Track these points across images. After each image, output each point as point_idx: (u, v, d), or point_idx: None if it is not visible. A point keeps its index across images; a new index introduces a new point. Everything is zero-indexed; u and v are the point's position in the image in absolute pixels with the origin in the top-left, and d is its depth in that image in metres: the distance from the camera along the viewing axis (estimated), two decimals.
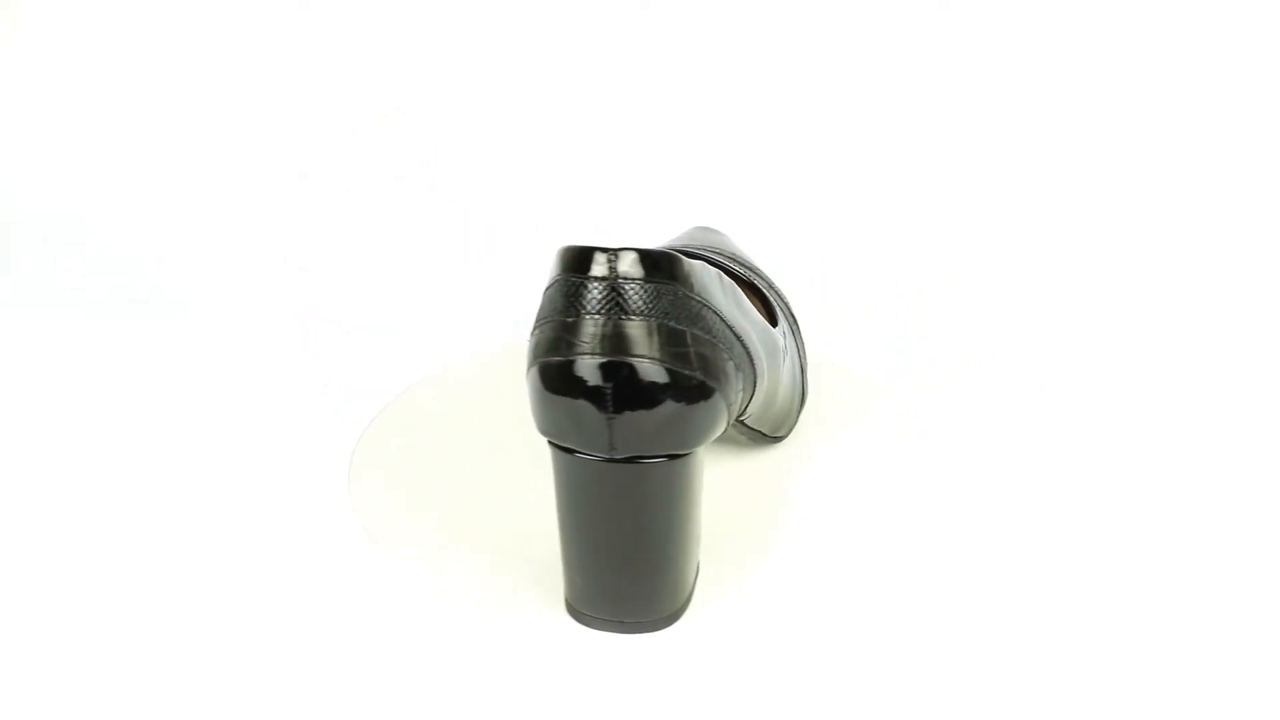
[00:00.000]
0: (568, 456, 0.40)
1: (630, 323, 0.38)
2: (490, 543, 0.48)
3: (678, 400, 0.39)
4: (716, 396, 0.40)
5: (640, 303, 0.38)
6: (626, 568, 0.42)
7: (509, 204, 0.86)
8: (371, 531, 0.49)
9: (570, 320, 0.39)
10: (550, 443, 0.41)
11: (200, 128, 0.92)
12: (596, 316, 0.38)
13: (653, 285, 0.39)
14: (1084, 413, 0.59)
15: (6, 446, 0.56)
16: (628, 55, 0.92)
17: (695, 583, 0.45)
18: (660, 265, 0.39)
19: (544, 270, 0.57)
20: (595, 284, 0.38)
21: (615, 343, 0.38)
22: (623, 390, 0.38)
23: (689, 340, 0.39)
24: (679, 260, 0.40)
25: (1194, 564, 0.47)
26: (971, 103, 0.90)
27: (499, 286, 0.74)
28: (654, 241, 0.67)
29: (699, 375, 0.39)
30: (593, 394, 0.38)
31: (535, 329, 0.40)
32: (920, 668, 0.42)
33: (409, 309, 0.72)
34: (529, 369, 0.40)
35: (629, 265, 0.38)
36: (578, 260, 0.39)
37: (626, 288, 0.38)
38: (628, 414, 0.38)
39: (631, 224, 0.83)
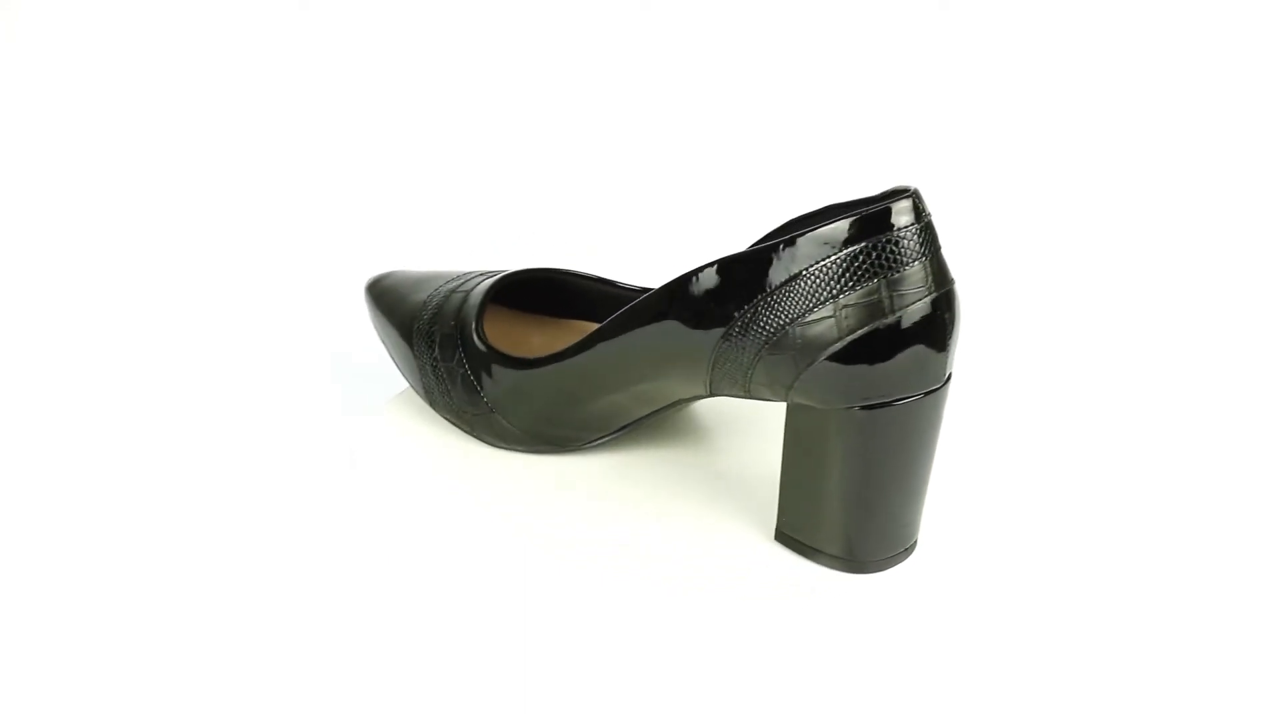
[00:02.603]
0: (886, 411, 0.42)
1: (918, 263, 0.41)
2: (491, 542, 0.48)
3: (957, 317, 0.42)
4: None
5: (918, 243, 0.41)
6: (913, 495, 0.44)
7: (508, 204, 0.86)
8: (371, 529, 0.49)
9: (885, 279, 0.40)
10: (859, 409, 0.42)
11: (200, 127, 0.92)
12: (894, 272, 0.40)
13: (920, 224, 0.41)
14: (1084, 413, 0.59)
15: (6, 447, 0.56)
16: (628, 56, 0.93)
17: None
18: (918, 202, 0.41)
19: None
20: (877, 240, 0.40)
21: (932, 280, 0.41)
22: (953, 318, 0.42)
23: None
24: (915, 192, 0.42)
25: (1194, 562, 0.47)
26: (972, 103, 0.90)
27: None
28: (651, 240, 0.67)
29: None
30: (936, 331, 0.41)
31: (808, 314, 0.41)
32: (921, 667, 0.42)
33: None
34: (826, 350, 0.41)
35: (900, 212, 0.41)
36: (861, 224, 0.40)
37: (904, 234, 0.41)
38: (953, 340, 0.42)
39: (630, 224, 0.83)
